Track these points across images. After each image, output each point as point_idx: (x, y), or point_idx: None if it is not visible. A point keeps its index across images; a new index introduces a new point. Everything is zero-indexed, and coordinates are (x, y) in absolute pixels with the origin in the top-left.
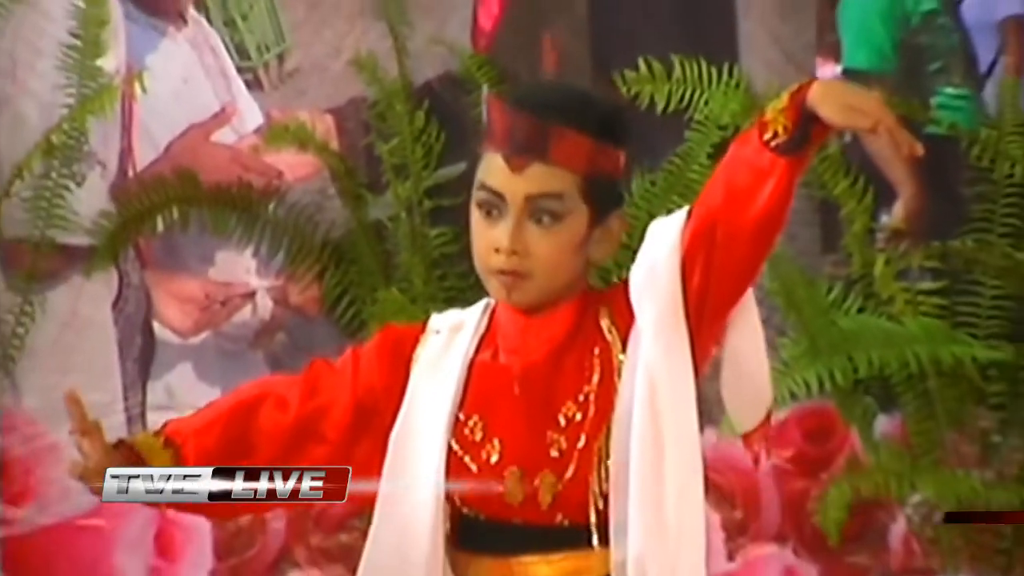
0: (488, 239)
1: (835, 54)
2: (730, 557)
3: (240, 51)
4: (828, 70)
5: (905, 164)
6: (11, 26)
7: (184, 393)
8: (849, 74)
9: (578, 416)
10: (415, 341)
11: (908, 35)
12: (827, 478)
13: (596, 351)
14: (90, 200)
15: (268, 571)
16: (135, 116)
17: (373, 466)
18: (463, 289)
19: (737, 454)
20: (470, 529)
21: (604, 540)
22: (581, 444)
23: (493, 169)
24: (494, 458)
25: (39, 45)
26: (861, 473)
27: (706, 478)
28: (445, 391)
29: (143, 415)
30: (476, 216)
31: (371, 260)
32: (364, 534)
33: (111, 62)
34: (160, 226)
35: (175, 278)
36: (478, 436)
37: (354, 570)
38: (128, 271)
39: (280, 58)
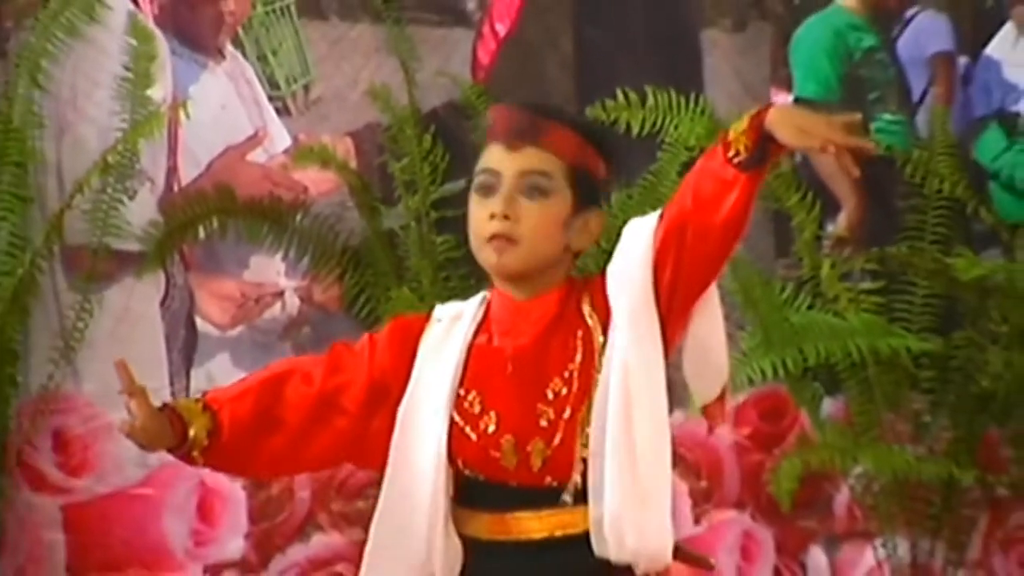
0: (484, 211)
1: (787, 85)
2: (696, 521)
3: (271, 82)
4: (781, 99)
5: (848, 181)
6: (72, 61)
7: (223, 379)
8: (799, 103)
9: (564, 391)
10: (421, 329)
11: (850, 69)
12: (780, 453)
13: (579, 334)
14: (141, 212)
15: (295, 533)
16: (180, 139)
17: (384, 437)
18: (465, 289)
19: (702, 432)
20: (471, 489)
21: (585, 499)
22: (566, 415)
23: (492, 154)
24: (491, 428)
25: (97, 77)
26: (810, 448)
27: (675, 453)
28: (446, 371)
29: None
30: (474, 200)
31: (385, 263)
32: None
33: (159, 92)
34: (201, 234)
35: (214, 279)
36: (476, 409)
37: None
38: (174, 273)
39: (306, 88)
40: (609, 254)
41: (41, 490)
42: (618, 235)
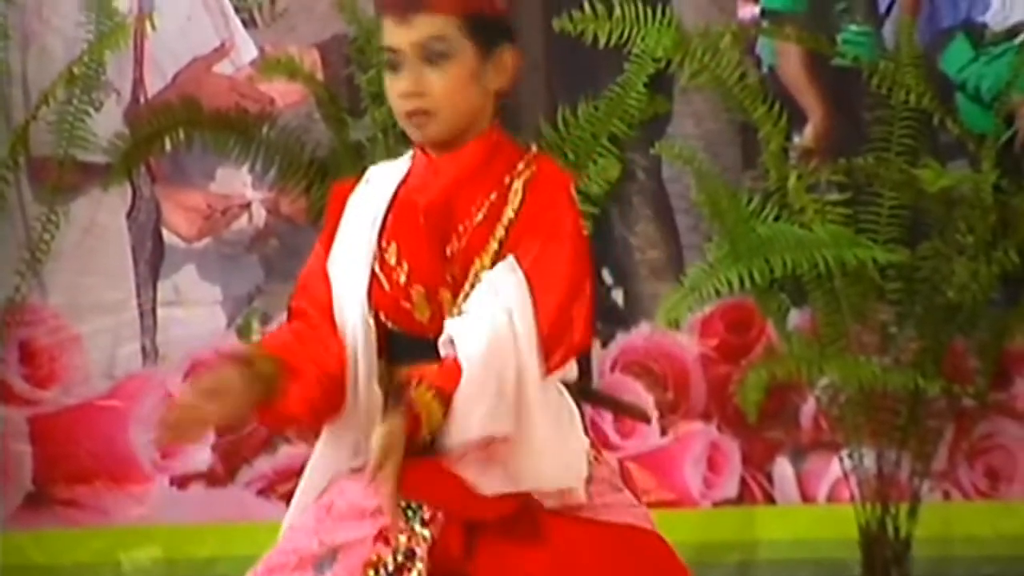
0: (395, 90)
1: None
2: (663, 432)
3: None
4: (747, 11)
5: (815, 92)
6: None
7: (189, 290)
8: (766, 14)
9: (458, 246)
10: (352, 189)
11: None
12: (747, 364)
13: (492, 196)
14: (107, 123)
15: (262, 445)
16: (146, 50)
17: None
18: None
19: (667, 343)
20: (394, 343)
21: None
22: (459, 268)
23: (387, 31)
24: (402, 279)
25: None
26: (776, 360)
27: (641, 364)
28: (367, 223)
29: (154, 310)
30: (386, 77)
31: (351, 175)
32: None
33: (125, 3)
34: (168, 146)
35: (181, 191)
36: (392, 260)
37: None
38: (140, 185)
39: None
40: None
41: (8, 402)
42: (584, 150)
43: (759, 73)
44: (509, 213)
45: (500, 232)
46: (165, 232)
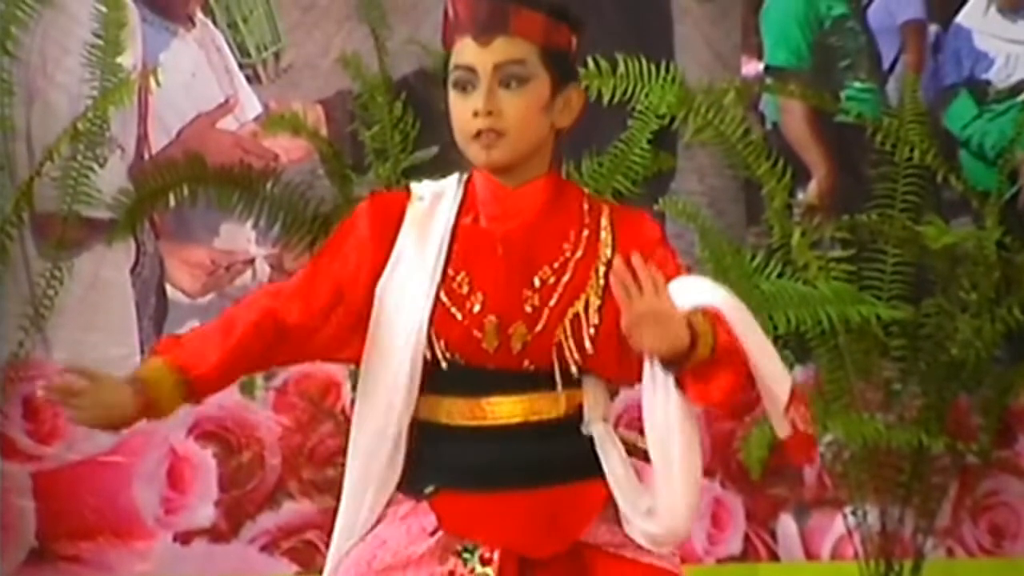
0: (466, 108)
1: (758, 53)
2: None
3: (242, 50)
4: (751, 67)
5: (819, 149)
6: (41, 27)
7: None
8: (770, 70)
9: (552, 279)
10: (402, 206)
11: (821, 37)
12: (751, 420)
13: (584, 233)
14: (111, 179)
15: (266, 501)
16: (150, 106)
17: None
18: None
19: None
20: (446, 373)
21: (563, 385)
22: (552, 303)
23: (464, 50)
24: (476, 308)
25: (66, 44)
26: None
27: (643, 419)
28: (432, 250)
29: None
30: (453, 96)
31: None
32: None
33: (129, 59)
34: (172, 202)
35: (185, 247)
36: (464, 290)
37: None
38: (144, 241)
39: (276, 56)
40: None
41: (11, 457)
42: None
43: (763, 129)
44: (607, 251)
45: (602, 268)
46: (169, 288)
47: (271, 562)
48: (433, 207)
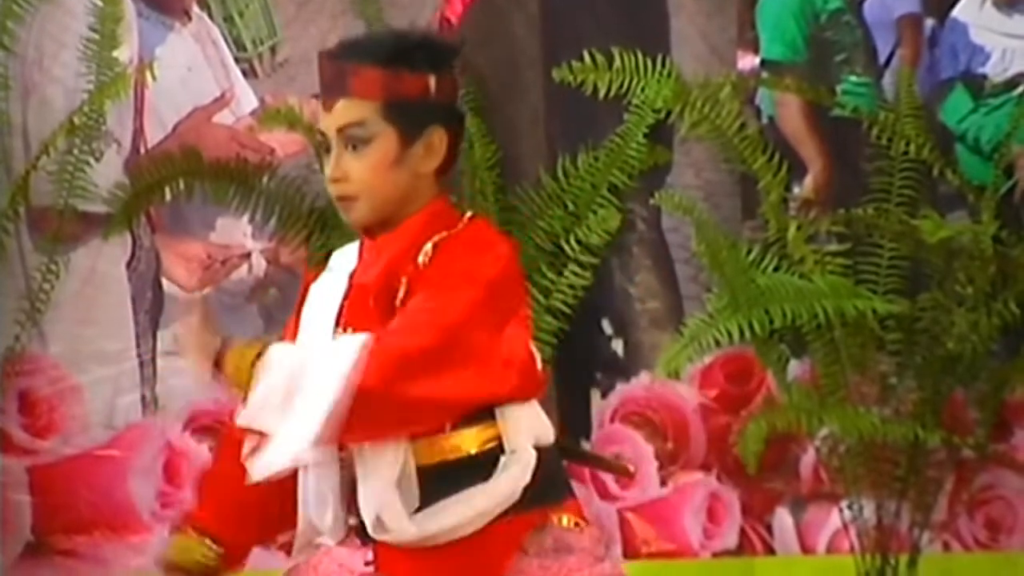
0: (325, 175)
1: (754, 47)
2: (662, 483)
3: (238, 44)
4: (748, 61)
5: (815, 143)
6: (37, 22)
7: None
8: (766, 64)
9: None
10: (316, 277)
11: (817, 30)
12: (746, 415)
13: (409, 270)
14: (107, 173)
15: None
16: (146, 100)
17: None
18: None
19: (667, 393)
20: None
21: (466, 422)
22: None
23: (321, 115)
24: None
25: (63, 38)
26: (776, 410)
27: (641, 415)
28: (327, 309)
29: (154, 360)
30: (324, 161)
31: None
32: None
33: (125, 53)
34: (168, 196)
35: (181, 241)
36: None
37: None
38: (140, 235)
39: (272, 50)
40: (574, 216)
41: (7, 452)
42: (584, 200)
43: (759, 124)
44: (411, 271)
45: (402, 293)
46: (165, 282)
47: (266, 555)
48: (336, 270)
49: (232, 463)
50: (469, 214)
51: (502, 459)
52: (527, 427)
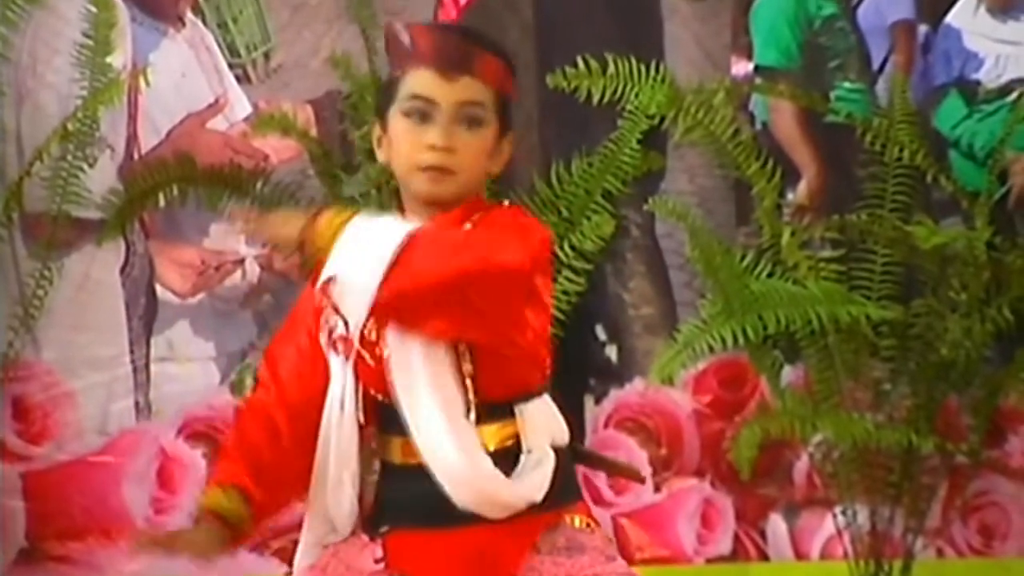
0: (419, 139)
1: (748, 53)
2: (656, 489)
3: (231, 50)
4: (741, 67)
5: (809, 149)
6: (31, 28)
7: (182, 346)
8: (760, 70)
9: None
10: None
11: (811, 36)
12: (740, 420)
13: None
14: (101, 179)
15: None
16: (140, 106)
17: None
18: None
19: (661, 399)
20: (384, 414)
21: (488, 417)
22: None
23: (424, 81)
24: (386, 353)
25: (56, 44)
26: (770, 416)
27: (635, 421)
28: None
29: (147, 366)
30: (403, 124)
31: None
32: None
33: (119, 59)
34: (162, 202)
35: (175, 247)
36: (372, 335)
37: None
38: (134, 241)
39: (266, 56)
40: (568, 222)
41: (2, 458)
42: (578, 206)
43: (752, 130)
44: None
45: None
46: (159, 288)
47: (260, 562)
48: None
49: (257, 428)
50: (506, 203)
51: (522, 458)
52: (544, 426)
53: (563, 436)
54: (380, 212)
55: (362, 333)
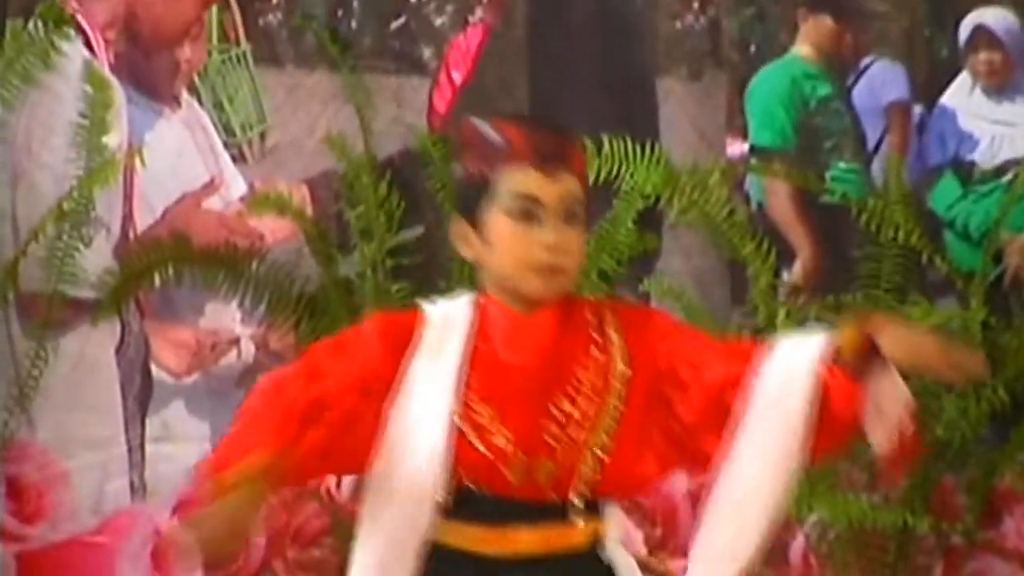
0: (529, 239)
1: (743, 134)
2: None
3: (227, 129)
4: (736, 148)
5: (803, 229)
6: (27, 107)
7: (177, 426)
8: (755, 151)
9: (569, 408)
10: (411, 328)
11: (806, 117)
12: None
13: (594, 352)
14: (96, 259)
15: None
16: (135, 186)
17: (370, 441)
18: None
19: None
20: (467, 500)
21: (586, 516)
22: (573, 433)
23: (527, 179)
24: (502, 443)
25: (52, 124)
26: None
27: (632, 500)
28: (448, 376)
29: (142, 446)
30: (507, 223)
31: (341, 311)
32: (334, 549)
33: (115, 139)
34: (157, 281)
35: (170, 326)
36: (486, 421)
37: None
38: (129, 320)
39: (262, 136)
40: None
41: None
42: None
43: (748, 210)
44: (620, 366)
45: (617, 386)
46: (154, 367)
47: None
48: (445, 330)
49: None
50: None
51: (613, 551)
52: (617, 523)
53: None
54: (376, 293)
55: (470, 416)
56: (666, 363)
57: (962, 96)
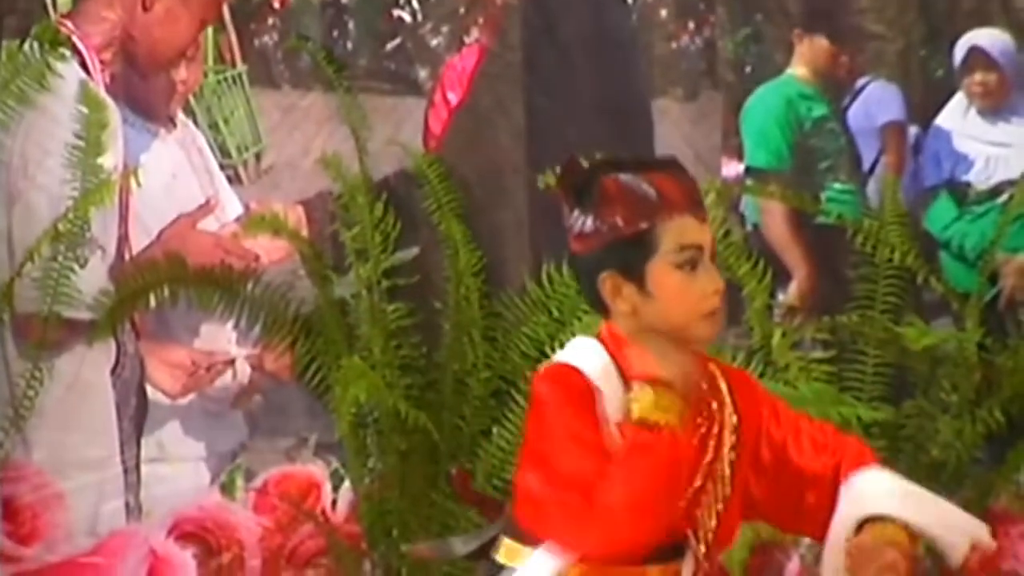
0: (699, 288)
1: (738, 155)
2: None
3: (223, 150)
4: (731, 168)
5: (799, 250)
6: (23, 129)
7: (173, 447)
8: (750, 171)
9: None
10: (590, 387)
11: (801, 138)
12: None
13: (713, 405)
14: (91, 280)
15: None
16: (131, 207)
17: None
18: (416, 357)
19: None
20: None
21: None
22: (698, 483)
23: (687, 229)
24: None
25: (48, 146)
26: None
27: None
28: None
29: (137, 467)
30: (676, 276)
31: (336, 332)
32: (329, 570)
33: (110, 160)
34: (152, 302)
35: (165, 347)
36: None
37: None
38: (125, 341)
39: (257, 157)
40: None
41: None
42: (568, 307)
43: (743, 231)
44: (732, 418)
45: (730, 437)
46: (149, 388)
47: None
48: (603, 389)
49: None
50: None
51: None
52: None
53: None
54: (371, 313)
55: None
56: (766, 425)
57: (957, 117)
